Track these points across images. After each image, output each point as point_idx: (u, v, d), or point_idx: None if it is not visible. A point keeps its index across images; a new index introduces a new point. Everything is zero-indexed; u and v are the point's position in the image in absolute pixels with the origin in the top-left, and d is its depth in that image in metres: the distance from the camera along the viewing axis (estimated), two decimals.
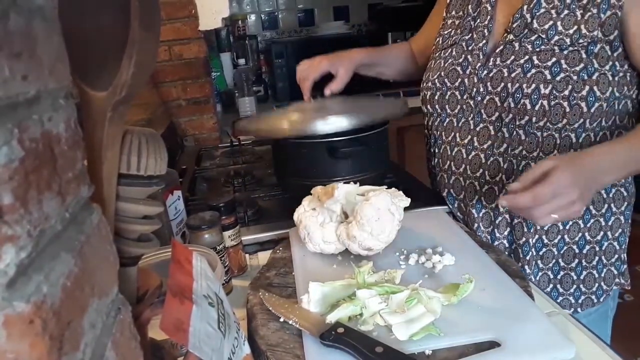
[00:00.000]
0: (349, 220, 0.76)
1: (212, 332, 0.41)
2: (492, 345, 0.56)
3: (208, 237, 0.79)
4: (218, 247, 0.79)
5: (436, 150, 1.06)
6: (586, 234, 0.93)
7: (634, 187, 0.96)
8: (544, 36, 0.86)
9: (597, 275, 0.95)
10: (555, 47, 0.85)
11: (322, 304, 0.63)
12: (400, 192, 0.80)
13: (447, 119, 1.01)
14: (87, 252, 0.28)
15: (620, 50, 0.85)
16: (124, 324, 0.33)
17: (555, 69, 0.84)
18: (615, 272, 0.96)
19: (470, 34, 0.97)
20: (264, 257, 0.91)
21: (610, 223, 0.93)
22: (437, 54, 1.05)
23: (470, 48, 0.97)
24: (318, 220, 0.77)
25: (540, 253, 0.94)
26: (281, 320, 0.63)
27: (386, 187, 0.81)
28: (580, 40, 0.83)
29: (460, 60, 0.98)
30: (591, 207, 0.92)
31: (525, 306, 0.62)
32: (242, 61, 2.50)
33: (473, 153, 0.97)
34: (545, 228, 0.92)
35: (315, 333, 0.58)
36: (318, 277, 0.69)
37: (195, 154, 1.72)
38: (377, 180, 1.10)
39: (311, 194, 0.84)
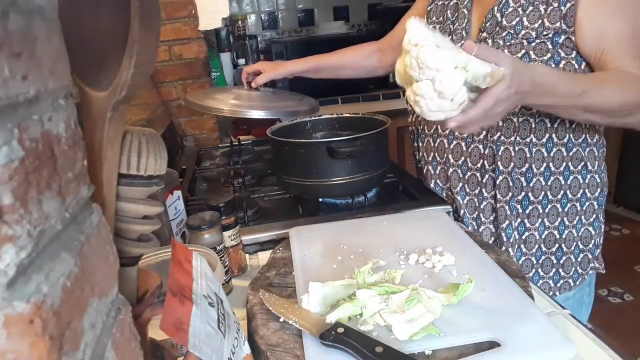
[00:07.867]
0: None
1: (212, 332, 0.41)
2: (492, 345, 0.56)
3: (208, 237, 0.79)
4: (218, 247, 0.79)
5: (420, 144, 1.13)
6: (564, 218, 0.98)
7: (606, 177, 1.02)
8: (512, 32, 0.92)
9: (573, 260, 1.01)
10: (524, 41, 0.90)
11: (322, 304, 0.63)
12: None
13: None
14: (87, 252, 0.28)
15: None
16: (124, 324, 0.33)
17: (525, 60, 0.89)
18: (590, 256, 1.02)
19: (450, 36, 1.04)
20: (264, 257, 0.91)
21: (584, 208, 0.99)
22: None
23: None
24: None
25: (524, 237, 0.99)
26: (281, 320, 0.63)
27: None
28: (545, 33, 0.89)
29: None
30: (568, 192, 0.97)
31: (525, 306, 0.62)
32: (242, 61, 2.49)
33: (454, 142, 1.04)
34: (527, 212, 0.98)
35: (315, 333, 0.58)
36: (318, 277, 0.69)
37: (195, 154, 1.72)
38: (377, 180, 1.11)
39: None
